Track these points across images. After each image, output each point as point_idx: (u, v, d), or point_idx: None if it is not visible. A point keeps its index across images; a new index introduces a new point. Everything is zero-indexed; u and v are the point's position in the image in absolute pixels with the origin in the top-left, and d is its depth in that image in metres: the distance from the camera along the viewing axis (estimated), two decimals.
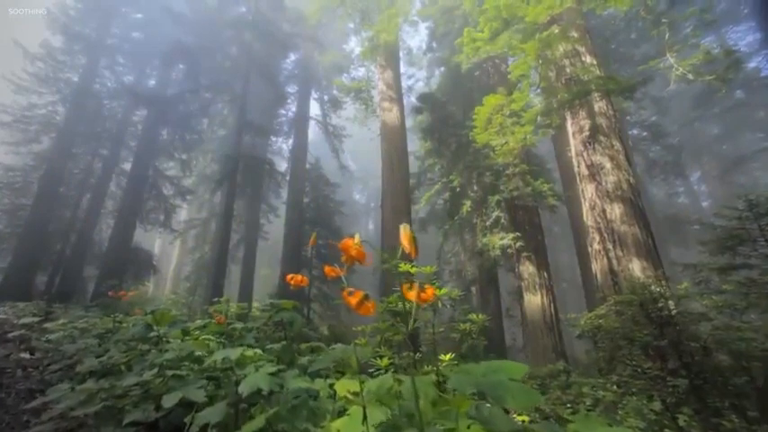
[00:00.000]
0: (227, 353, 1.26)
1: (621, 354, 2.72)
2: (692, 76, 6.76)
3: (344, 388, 0.96)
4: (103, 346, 2.16)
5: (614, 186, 6.80)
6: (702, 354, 2.58)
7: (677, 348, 2.47)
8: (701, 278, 3.44)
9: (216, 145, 18.04)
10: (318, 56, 16.81)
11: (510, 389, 0.65)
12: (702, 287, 3.28)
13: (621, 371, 2.95)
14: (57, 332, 2.71)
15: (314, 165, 16.36)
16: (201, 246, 16.55)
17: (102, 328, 2.72)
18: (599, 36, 12.80)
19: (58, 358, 2.29)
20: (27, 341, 2.94)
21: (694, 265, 3.58)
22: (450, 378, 0.72)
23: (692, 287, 3.58)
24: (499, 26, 8.12)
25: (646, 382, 2.37)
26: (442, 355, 2.98)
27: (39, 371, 2.36)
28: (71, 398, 1.50)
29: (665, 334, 2.55)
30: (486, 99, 8.24)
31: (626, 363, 2.71)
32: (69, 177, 13.87)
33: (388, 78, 12.53)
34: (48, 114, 14.56)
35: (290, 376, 1.26)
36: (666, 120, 18.07)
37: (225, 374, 1.54)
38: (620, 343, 2.90)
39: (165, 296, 15.62)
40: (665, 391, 2.19)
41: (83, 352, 2.08)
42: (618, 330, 2.85)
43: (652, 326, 2.63)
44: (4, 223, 13.48)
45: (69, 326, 2.90)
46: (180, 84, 14.52)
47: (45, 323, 3.23)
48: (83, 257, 12.63)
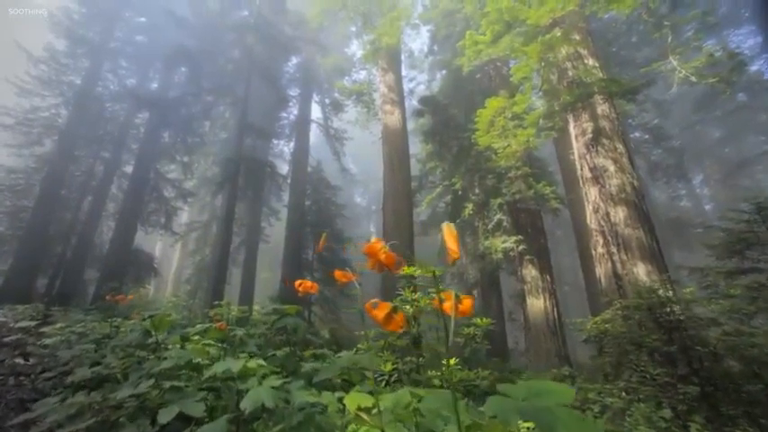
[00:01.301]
0: (228, 364, 1.20)
1: (629, 359, 2.66)
2: (695, 78, 6.73)
3: (355, 402, 0.89)
4: (100, 351, 2.10)
5: (618, 189, 6.76)
6: (712, 359, 2.52)
7: (686, 354, 2.42)
8: (708, 282, 3.39)
9: (217, 148, 18.08)
10: (320, 59, 16.86)
11: (561, 418, 0.57)
12: (711, 291, 3.23)
13: (629, 377, 2.89)
14: (54, 336, 2.64)
15: (315, 168, 16.35)
16: (202, 248, 16.53)
17: (100, 333, 2.66)
18: (600, 39, 12.81)
19: (52, 365, 2.21)
20: (22, 346, 2.87)
21: (701, 268, 3.52)
22: (489, 402, 0.63)
23: (698, 291, 3.53)
24: (501, 29, 8.13)
25: (655, 389, 2.32)
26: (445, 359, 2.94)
27: (30, 379, 2.27)
28: (60, 411, 1.41)
29: (673, 339, 2.50)
30: (488, 102, 8.23)
31: (634, 368, 2.65)
32: (71, 180, 13.89)
33: (389, 81, 12.55)
34: (50, 117, 14.61)
35: (296, 388, 1.20)
36: (668, 123, 18.03)
37: (225, 384, 1.46)
38: (627, 348, 2.85)
39: (165, 299, 15.57)
40: (675, 398, 2.14)
41: (78, 359, 2.01)
42: (625, 335, 2.80)
43: (661, 331, 2.58)
44: (6, 225, 13.47)
45: (67, 330, 2.83)
46: (182, 87, 14.58)
47: (42, 327, 3.17)
48: (83, 260, 12.61)
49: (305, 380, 1.29)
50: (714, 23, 8.59)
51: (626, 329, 2.81)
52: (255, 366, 1.35)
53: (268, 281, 21.75)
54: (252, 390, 1.12)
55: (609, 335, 2.95)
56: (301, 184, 15.59)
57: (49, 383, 2.13)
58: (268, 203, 17.11)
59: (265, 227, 17.07)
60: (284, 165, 19.59)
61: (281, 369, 1.44)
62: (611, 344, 2.96)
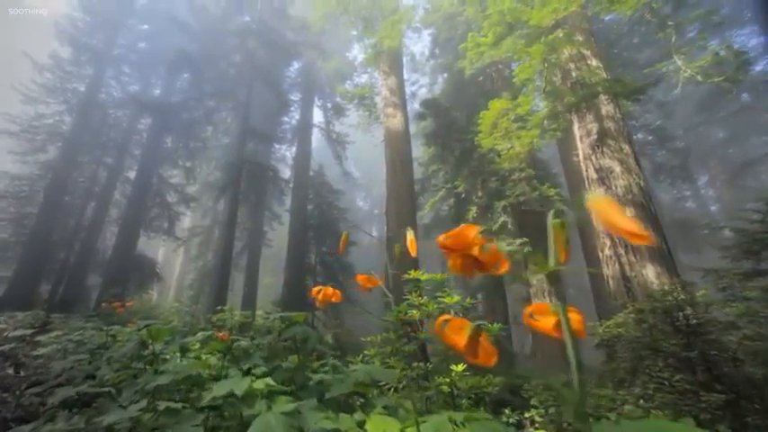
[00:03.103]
0: (231, 385, 1.08)
1: (644, 365, 2.57)
2: (701, 77, 6.66)
3: (380, 429, 0.79)
4: (94, 363, 2.00)
5: (624, 190, 6.66)
6: (733, 365, 2.42)
7: (706, 359, 2.33)
8: (724, 284, 3.29)
9: (219, 153, 18.12)
10: (321, 63, 16.92)
11: None
12: (727, 293, 3.13)
13: (643, 383, 2.79)
14: (48, 345, 2.54)
15: (317, 172, 16.34)
16: (205, 253, 16.51)
17: (97, 342, 2.57)
18: (602, 40, 12.77)
19: (45, 377, 2.09)
20: (15, 356, 2.77)
21: (716, 270, 3.43)
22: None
23: (713, 293, 3.43)
24: (503, 30, 8.10)
25: (674, 396, 2.22)
26: (453, 365, 2.85)
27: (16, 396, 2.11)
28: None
29: (692, 344, 2.40)
30: (491, 103, 8.18)
31: (650, 375, 2.55)
32: (74, 186, 13.93)
33: (391, 84, 12.54)
34: (54, 124, 14.71)
35: (309, 408, 1.06)
36: (671, 124, 17.92)
37: (227, 402, 1.29)
38: (643, 353, 2.75)
39: (168, 304, 15.55)
40: (697, 406, 2.04)
41: (70, 371, 1.90)
42: (640, 340, 2.71)
43: (678, 335, 2.49)
44: (10, 232, 13.50)
45: (63, 339, 2.73)
46: (184, 92, 14.66)
47: (40, 335, 3.07)
48: (87, 266, 12.61)
49: (316, 394, 1.19)
50: (718, 23, 8.52)
51: (641, 334, 2.72)
52: (263, 387, 1.21)
53: (271, 285, 21.67)
54: (259, 417, 0.99)
55: (623, 339, 2.86)
56: (303, 189, 15.58)
57: (38, 399, 2.00)
58: (270, 208, 17.09)
59: (268, 231, 17.03)
60: (286, 169, 19.61)
61: (290, 383, 1.34)
62: (624, 349, 2.86)
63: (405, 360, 2.73)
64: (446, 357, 2.68)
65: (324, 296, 1.27)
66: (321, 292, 1.28)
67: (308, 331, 1.31)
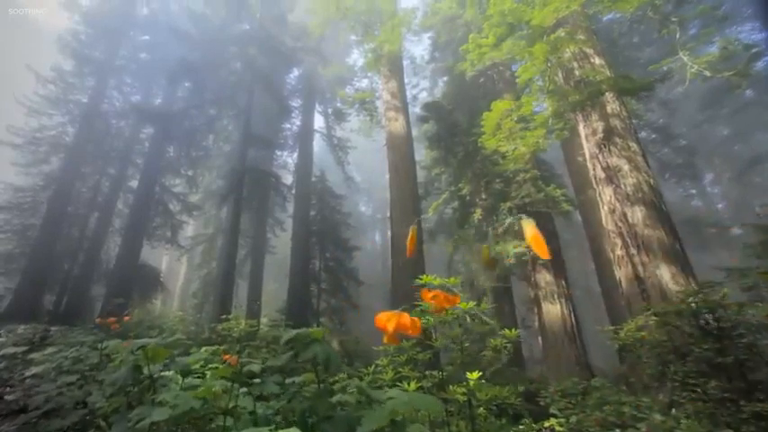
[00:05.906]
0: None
1: (673, 371, 2.43)
2: (708, 72, 6.54)
3: None
4: (85, 388, 1.85)
5: (634, 189, 6.52)
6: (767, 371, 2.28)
7: (741, 365, 2.19)
8: (749, 283, 3.14)
9: (221, 160, 18.14)
10: (322, 69, 16.96)
11: None
12: (753, 294, 2.99)
13: (671, 389, 2.64)
14: (42, 364, 2.39)
15: (319, 177, 16.29)
16: (208, 262, 16.43)
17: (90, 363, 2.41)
18: (604, 39, 12.71)
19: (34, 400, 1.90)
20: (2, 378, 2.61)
21: (740, 269, 3.28)
22: None
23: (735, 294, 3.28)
24: (504, 31, 8.04)
25: (708, 405, 2.08)
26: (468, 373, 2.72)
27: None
28: None
29: (725, 348, 2.26)
30: (494, 104, 8.09)
31: (678, 381, 2.41)
32: (77, 197, 13.94)
33: (392, 88, 12.51)
34: (57, 135, 14.78)
35: None
36: (675, 122, 17.79)
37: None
38: (668, 358, 2.61)
39: (172, 313, 15.44)
40: (737, 416, 1.90)
41: (57, 399, 1.73)
42: (665, 344, 2.57)
43: (709, 339, 2.35)
44: (14, 244, 13.49)
45: (58, 356, 2.58)
46: (185, 100, 14.70)
47: (35, 351, 2.92)
48: (90, 276, 12.55)
49: (344, 428, 1.01)
50: (723, 18, 8.42)
51: (666, 337, 2.58)
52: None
53: (275, 292, 21.53)
54: None
55: (647, 344, 2.72)
56: (306, 194, 15.51)
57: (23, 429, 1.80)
58: (273, 214, 17.04)
59: (271, 238, 16.96)
60: (288, 175, 19.57)
61: (311, 413, 1.18)
62: (649, 354, 2.72)
63: (419, 369, 2.60)
64: (462, 365, 2.55)
65: (398, 327, 0.88)
66: (392, 320, 0.89)
67: (330, 352, 1.14)
